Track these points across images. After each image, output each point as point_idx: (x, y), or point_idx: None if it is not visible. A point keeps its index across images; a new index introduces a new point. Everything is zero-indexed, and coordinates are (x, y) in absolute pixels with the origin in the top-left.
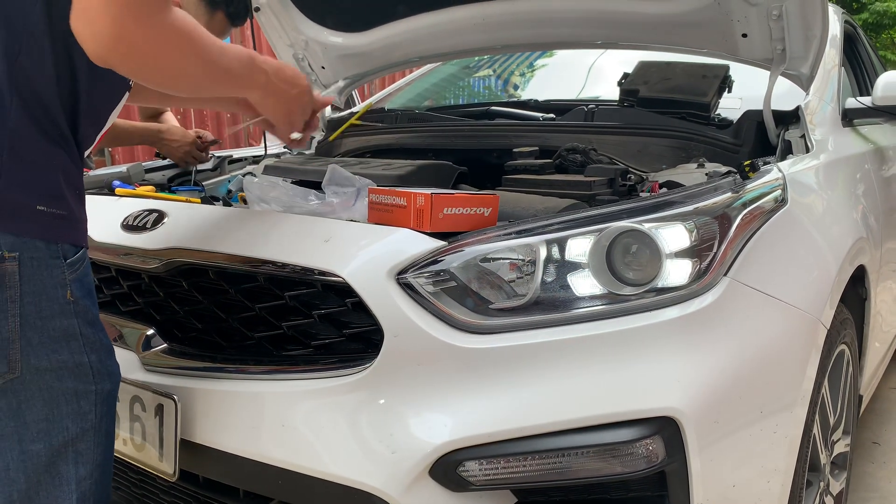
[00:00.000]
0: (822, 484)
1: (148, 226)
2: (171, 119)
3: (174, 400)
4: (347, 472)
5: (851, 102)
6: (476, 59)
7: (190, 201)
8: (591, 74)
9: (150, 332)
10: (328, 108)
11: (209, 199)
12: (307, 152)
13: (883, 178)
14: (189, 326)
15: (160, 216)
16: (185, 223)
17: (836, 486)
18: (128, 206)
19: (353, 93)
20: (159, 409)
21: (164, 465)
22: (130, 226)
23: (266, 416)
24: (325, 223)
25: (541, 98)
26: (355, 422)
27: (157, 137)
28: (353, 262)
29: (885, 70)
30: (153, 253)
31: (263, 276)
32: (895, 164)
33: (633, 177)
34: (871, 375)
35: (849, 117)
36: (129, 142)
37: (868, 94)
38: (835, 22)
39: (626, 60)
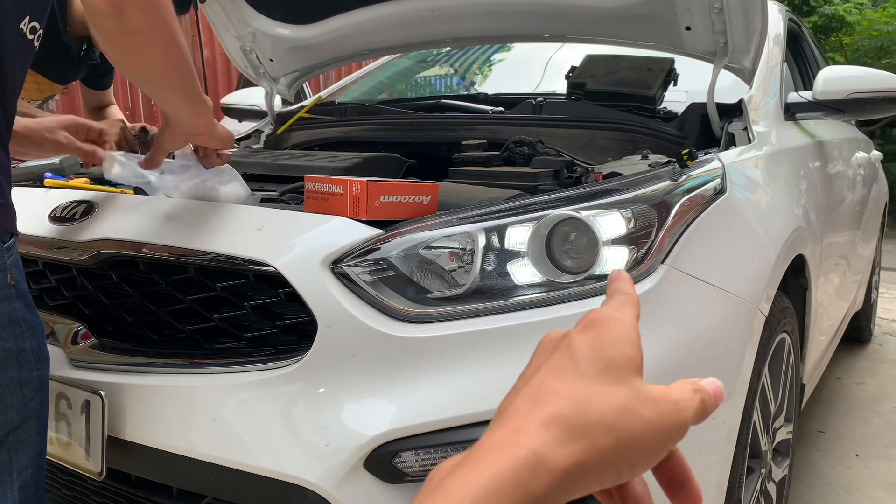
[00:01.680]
0: (763, 471)
1: (76, 217)
2: (117, 113)
3: (101, 396)
4: (280, 466)
5: (793, 97)
6: (435, 52)
7: (124, 192)
8: (547, 69)
9: (79, 327)
10: (278, 101)
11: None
12: (255, 147)
13: (824, 171)
14: (119, 320)
15: (89, 207)
16: (116, 214)
17: (778, 473)
18: (56, 197)
19: (305, 86)
20: (86, 406)
21: (91, 464)
22: (58, 217)
23: (197, 410)
24: (257, 211)
25: (494, 92)
26: (289, 415)
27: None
28: (286, 252)
29: None
30: (81, 245)
31: (194, 267)
32: (836, 161)
33: (578, 169)
34: (814, 365)
35: (791, 111)
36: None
37: (811, 89)
38: (778, 20)
39: (582, 55)
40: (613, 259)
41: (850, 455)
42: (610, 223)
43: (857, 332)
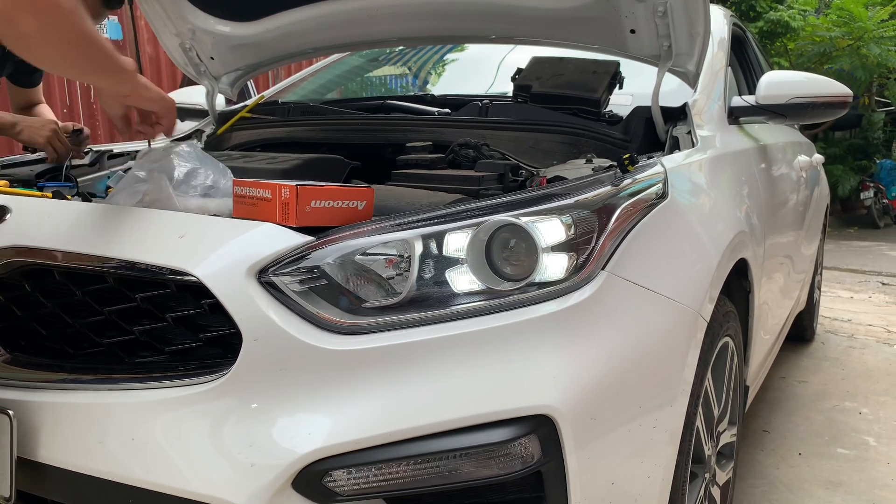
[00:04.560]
0: (707, 475)
1: None
2: (47, 112)
3: (9, 415)
4: (203, 488)
5: (737, 101)
6: (387, 51)
7: (44, 196)
8: (501, 70)
9: None
10: (221, 100)
11: (64, 195)
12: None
13: (767, 174)
14: (33, 333)
15: (2, 212)
16: (30, 220)
17: (722, 476)
18: None
19: (250, 84)
20: None
21: None
22: None
23: (115, 428)
24: (181, 218)
25: (443, 93)
26: (212, 433)
27: (9, 125)
28: (209, 260)
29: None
30: None
31: (113, 277)
32: (779, 164)
33: (523, 172)
34: (758, 366)
35: (735, 115)
36: None
37: (755, 93)
38: (723, 25)
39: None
40: (553, 265)
41: (794, 454)
42: (549, 229)
43: (801, 331)
